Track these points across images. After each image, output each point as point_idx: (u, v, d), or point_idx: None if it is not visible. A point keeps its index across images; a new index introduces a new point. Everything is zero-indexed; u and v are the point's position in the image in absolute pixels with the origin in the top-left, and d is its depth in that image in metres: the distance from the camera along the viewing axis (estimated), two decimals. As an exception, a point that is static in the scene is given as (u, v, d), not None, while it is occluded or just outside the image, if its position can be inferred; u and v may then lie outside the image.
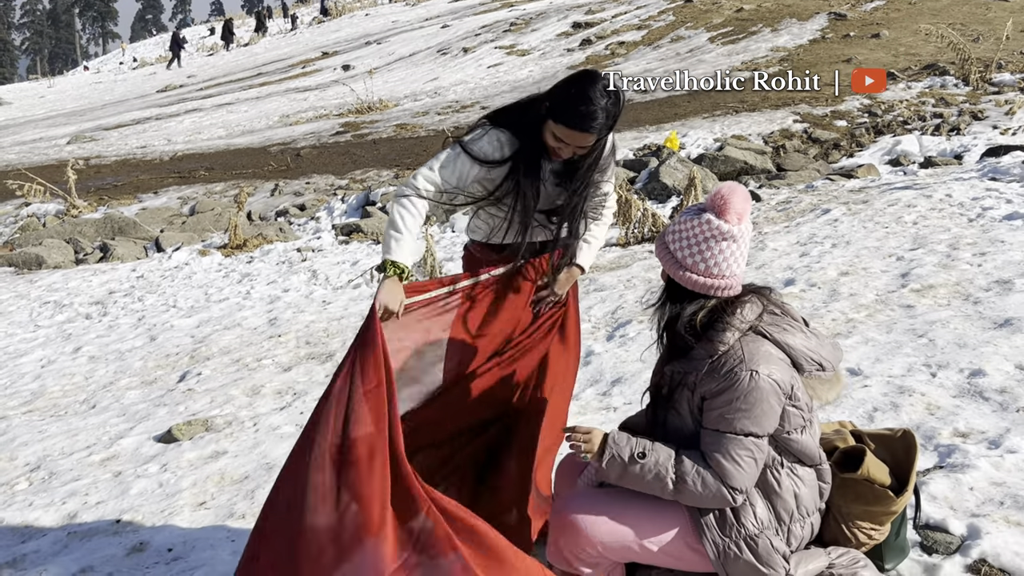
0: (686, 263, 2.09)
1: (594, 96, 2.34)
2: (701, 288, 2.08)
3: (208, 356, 5.65)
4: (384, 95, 19.53)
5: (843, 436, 2.30)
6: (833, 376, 2.15)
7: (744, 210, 2.06)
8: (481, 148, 2.51)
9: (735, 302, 2.11)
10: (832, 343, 2.19)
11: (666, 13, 22.68)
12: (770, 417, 2.03)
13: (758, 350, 2.05)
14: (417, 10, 38.41)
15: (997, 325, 3.99)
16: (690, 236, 2.08)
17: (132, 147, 17.87)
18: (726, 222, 2.05)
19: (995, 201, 6.31)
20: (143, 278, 8.19)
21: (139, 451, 4.22)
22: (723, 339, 2.07)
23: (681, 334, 2.12)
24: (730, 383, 2.02)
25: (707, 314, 2.10)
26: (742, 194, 2.07)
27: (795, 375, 2.09)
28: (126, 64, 47.65)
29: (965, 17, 16.89)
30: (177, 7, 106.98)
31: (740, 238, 2.06)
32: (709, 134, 11.22)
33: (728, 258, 2.06)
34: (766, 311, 2.13)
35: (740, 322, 2.08)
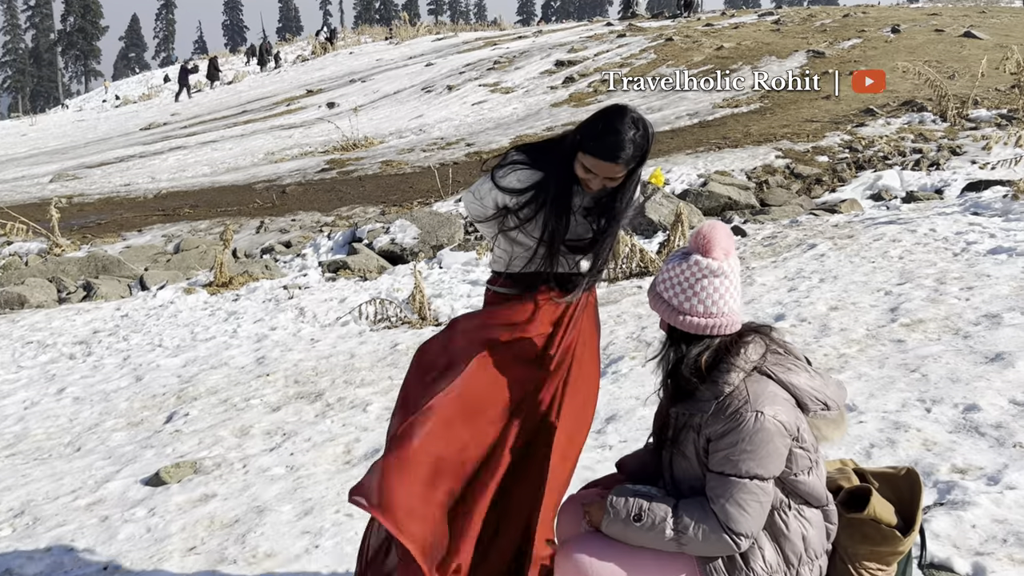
0: (683, 307, 2.09)
1: (623, 128, 2.39)
2: (702, 329, 2.08)
3: (195, 396, 5.59)
4: (369, 132, 19.62)
5: (847, 475, 2.29)
6: (838, 415, 2.15)
7: (728, 246, 2.08)
8: (509, 184, 2.59)
9: (738, 342, 2.11)
10: (836, 382, 2.19)
11: (647, 51, 23.00)
12: (776, 459, 2.01)
13: (763, 391, 2.04)
14: (401, 48, 38.74)
15: (988, 359, 4.01)
16: (681, 280, 2.09)
17: (116, 185, 17.81)
18: (714, 259, 2.06)
19: (979, 235, 6.38)
20: (128, 317, 8.11)
21: (126, 495, 4.14)
22: (728, 380, 2.06)
23: (687, 377, 2.12)
24: (735, 424, 2.01)
25: (711, 354, 2.10)
26: (723, 230, 2.09)
27: (800, 415, 2.08)
28: (109, 102, 47.63)
29: (940, 55, 17.23)
30: (160, 46, 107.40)
31: (730, 273, 2.07)
32: (693, 170, 11.32)
33: (723, 295, 2.07)
34: (769, 350, 2.13)
35: (744, 362, 2.08)
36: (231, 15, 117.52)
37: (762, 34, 22.99)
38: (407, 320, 6.81)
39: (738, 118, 15.03)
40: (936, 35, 19.50)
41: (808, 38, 21.35)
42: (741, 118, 14.97)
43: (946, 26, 20.42)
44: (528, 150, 2.63)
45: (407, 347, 6.01)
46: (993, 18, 21.90)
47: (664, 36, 24.60)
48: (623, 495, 2.15)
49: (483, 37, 37.52)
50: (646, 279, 7.17)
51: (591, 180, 2.48)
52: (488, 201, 2.64)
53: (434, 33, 46.19)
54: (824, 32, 21.86)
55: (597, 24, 35.82)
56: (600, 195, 2.58)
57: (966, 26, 19.98)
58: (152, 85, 50.78)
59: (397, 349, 5.99)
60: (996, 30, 19.59)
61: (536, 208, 2.55)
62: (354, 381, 5.39)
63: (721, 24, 26.49)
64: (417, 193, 12.95)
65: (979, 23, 20.69)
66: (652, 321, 5.71)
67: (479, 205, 2.67)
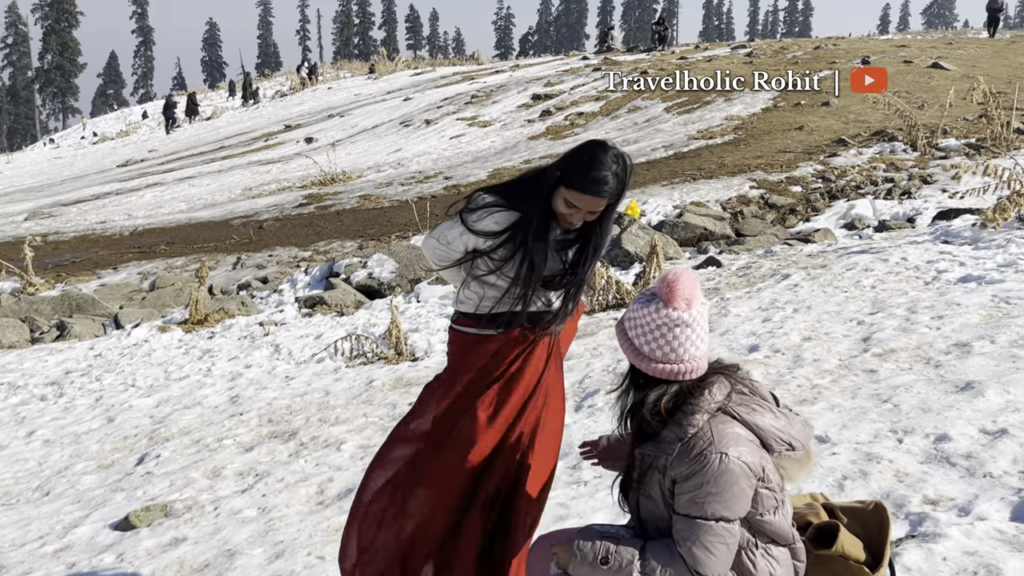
0: (647, 353, 2.09)
1: (605, 162, 2.44)
2: (666, 375, 2.09)
3: (167, 437, 5.52)
4: (347, 167, 19.66)
5: (815, 511, 2.29)
6: (804, 455, 2.15)
7: (692, 295, 2.07)
8: (484, 227, 2.56)
9: (702, 383, 2.11)
10: (802, 421, 2.19)
11: (622, 84, 23.24)
12: (741, 500, 2.01)
13: (727, 432, 2.04)
14: (379, 83, 38.97)
15: (959, 388, 4.04)
16: (645, 325, 2.09)
17: (91, 222, 17.70)
18: (675, 309, 2.06)
19: (949, 264, 6.45)
20: (101, 356, 8.02)
21: (95, 540, 4.07)
22: (692, 421, 2.06)
23: (647, 419, 2.12)
24: (700, 466, 2.00)
25: (672, 398, 2.10)
26: (687, 279, 2.08)
27: (765, 456, 2.08)
28: (87, 139, 47.51)
29: (910, 85, 17.53)
30: (139, 82, 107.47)
31: (693, 322, 2.07)
32: (668, 201, 11.40)
33: (685, 343, 2.07)
34: (734, 391, 2.13)
35: (708, 403, 2.08)
36: (210, 51, 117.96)
37: (735, 67, 23.29)
38: (383, 356, 6.77)
39: (712, 149, 15.18)
40: (905, 66, 19.86)
41: (780, 70, 21.66)
42: (715, 149, 15.13)
43: (914, 57, 20.81)
44: (499, 191, 2.62)
45: (383, 383, 5.98)
46: (960, 49, 22.35)
47: (639, 70, 24.89)
48: (590, 537, 2.13)
49: (461, 71, 37.84)
50: (622, 311, 7.19)
51: (574, 215, 2.50)
52: (457, 245, 2.60)
53: (412, 68, 46.54)
54: (796, 64, 22.20)
55: (573, 58, 36.21)
56: (572, 228, 2.59)
57: (934, 57, 20.37)
58: (130, 121, 50.80)
59: (372, 386, 5.96)
60: (963, 61, 19.98)
61: (514, 248, 2.54)
62: (328, 419, 5.35)
63: (695, 57, 26.85)
64: (395, 227, 12.96)
65: (946, 54, 21.11)
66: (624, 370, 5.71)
67: (445, 250, 2.64)
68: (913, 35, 49.11)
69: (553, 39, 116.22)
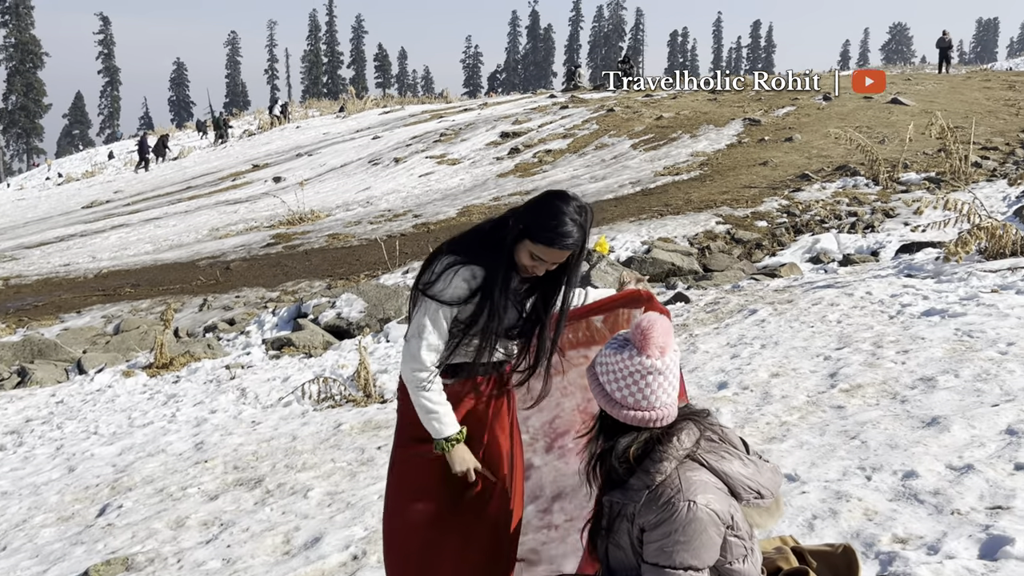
0: (617, 398, 2.08)
1: (568, 212, 2.45)
2: (637, 422, 2.08)
3: (130, 487, 5.39)
4: (316, 205, 19.61)
5: (785, 555, 2.27)
6: (772, 503, 2.14)
7: (666, 342, 2.07)
8: (454, 294, 2.51)
9: (671, 429, 2.10)
10: (772, 469, 2.18)
11: (590, 122, 23.50)
12: (710, 549, 1.99)
13: (695, 479, 2.03)
14: (348, 122, 39.07)
15: (925, 424, 4.06)
16: (618, 371, 2.08)
17: (55, 265, 17.46)
18: (648, 357, 2.06)
19: (912, 298, 6.53)
20: (63, 403, 7.86)
21: (52, 597, 3.95)
22: (660, 469, 2.05)
23: (615, 466, 2.10)
24: (668, 515, 1.99)
25: (641, 445, 2.09)
26: (661, 327, 2.08)
27: (734, 503, 2.07)
28: (51, 180, 47.03)
29: (870, 121, 17.89)
30: (106, 122, 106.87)
31: (666, 370, 2.06)
32: (637, 237, 11.48)
33: (657, 390, 2.06)
34: (703, 437, 2.12)
35: (676, 450, 2.07)
36: (177, 91, 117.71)
37: (700, 103, 23.68)
38: (352, 398, 6.70)
39: (679, 185, 15.35)
40: (865, 102, 20.28)
41: (744, 107, 22.04)
42: (682, 185, 15.29)
43: (874, 93, 21.25)
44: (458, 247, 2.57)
45: (351, 427, 5.90)
46: (918, 85, 22.89)
47: (606, 107, 25.20)
48: None
49: (430, 110, 38.07)
50: (593, 348, 7.17)
51: (538, 266, 2.51)
52: (443, 324, 2.53)
53: (381, 106, 46.78)
54: (759, 101, 22.61)
55: (541, 96, 36.59)
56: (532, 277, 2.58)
57: (893, 93, 20.83)
58: (96, 162, 50.40)
59: (340, 430, 5.88)
60: (921, 96, 20.45)
61: (481, 306, 2.51)
62: (295, 465, 5.26)
63: (660, 95, 27.24)
64: (364, 266, 12.91)
65: (905, 90, 21.60)
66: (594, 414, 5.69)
67: (438, 334, 2.53)
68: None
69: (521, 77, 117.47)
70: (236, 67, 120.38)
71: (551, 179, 18.30)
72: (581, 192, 16.20)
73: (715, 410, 4.75)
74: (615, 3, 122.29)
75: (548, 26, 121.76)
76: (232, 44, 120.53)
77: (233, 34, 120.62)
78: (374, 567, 3.73)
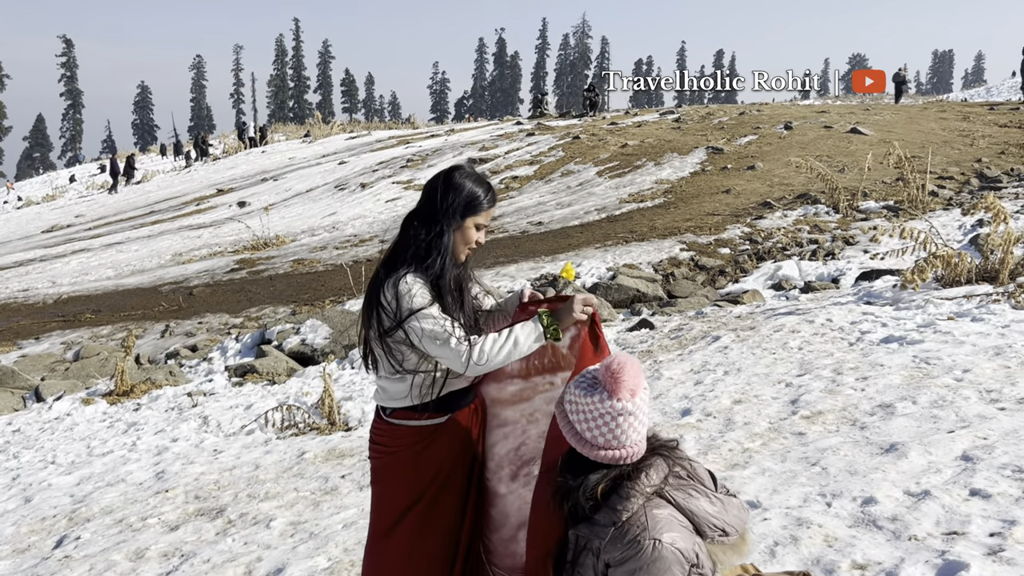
0: (587, 437, 2.10)
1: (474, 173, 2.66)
2: (607, 460, 2.10)
3: (88, 517, 5.29)
4: (281, 231, 19.50)
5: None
6: (738, 540, 2.16)
7: (636, 384, 2.09)
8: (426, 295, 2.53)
9: (639, 465, 2.12)
10: (739, 506, 2.21)
11: (556, 149, 23.68)
12: None
13: (660, 516, 2.04)
14: (314, 147, 38.97)
15: (883, 450, 4.13)
16: (588, 413, 2.09)
17: (13, 290, 17.15)
18: (619, 400, 2.07)
19: (871, 325, 6.65)
20: (20, 432, 7.70)
21: (5, 632, 3.86)
22: (626, 506, 2.06)
23: (582, 503, 2.11)
24: (634, 552, 2.00)
25: (609, 483, 2.11)
26: (631, 369, 2.10)
27: (699, 541, 2.09)
28: (11, 203, 46.30)
29: (830, 150, 18.22)
30: (67, 145, 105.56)
31: (636, 411, 2.09)
32: (602, 263, 11.56)
33: (628, 430, 2.08)
34: (672, 473, 2.14)
35: (644, 487, 2.09)
36: (141, 114, 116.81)
37: (664, 131, 23.97)
38: (315, 426, 6.65)
39: (644, 212, 15.50)
40: (825, 131, 20.66)
41: (707, 135, 22.35)
42: (647, 212, 15.45)
43: (834, 123, 21.68)
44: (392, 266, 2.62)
45: (315, 455, 5.85)
46: (876, 115, 23.37)
47: (571, 134, 25.41)
48: None
49: (397, 135, 38.12)
50: (559, 374, 7.19)
51: (480, 236, 2.66)
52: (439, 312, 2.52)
53: (348, 131, 46.74)
54: (722, 129, 22.94)
55: (507, 123, 36.81)
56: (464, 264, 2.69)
57: (852, 123, 21.26)
58: (57, 185, 49.76)
59: (304, 458, 5.83)
60: (879, 126, 20.89)
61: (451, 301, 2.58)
62: (258, 495, 5.20)
63: (625, 123, 27.55)
64: (329, 291, 12.84)
65: (864, 119, 22.06)
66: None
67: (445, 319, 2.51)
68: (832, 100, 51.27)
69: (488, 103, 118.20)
70: (201, 91, 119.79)
71: (517, 204, 18.39)
72: (548, 218, 16.32)
73: (679, 436, 4.79)
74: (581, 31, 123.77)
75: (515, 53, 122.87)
76: (197, 68, 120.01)
77: (199, 58, 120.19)
78: (337, 598, 3.69)
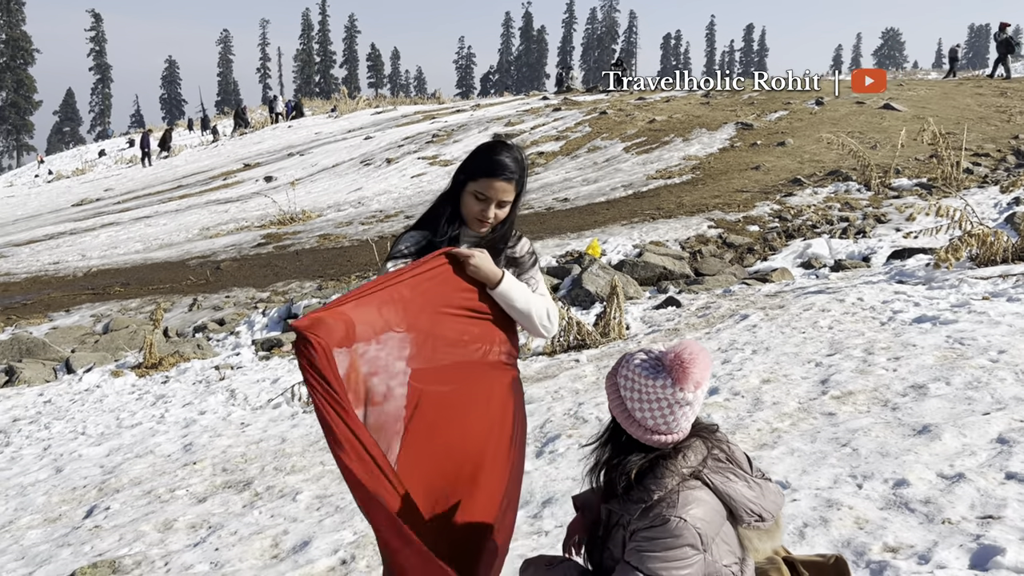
0: (637, 418, 2.06)
1: (500, 149, 2.62)
2: (654, 444, 2.07)
3: (118, 488, 5.35)
4: (307, 206, 19.55)
5: (777, 566, 2.26)
6: (772, 526, 2.12)
7: (703, 377, 2.03)
8: (398, 249, 2.66)
9: (678, 447, 2.09)
10: (775, 491, 2.16)
11: (582, 124, 23.51)
12: (681, 568, 1.96)
13: (693, 498, 2.01)
14: (340, 122, 38.99)
15: (916, 432, 4.06)
16: (648, 396, 2.04)
17: (44, 263, 17.36)
18: (683, 391, 2.02)
19: (904, 304, 6.54)
20: (51, 403, 7.80)
21: (37, 600, 3.91)
22: (662, 484, 2.03)
23: (619, 479, 2.09)
24: (658, 524, 1.98)
25: (648, 463, 2.08)
26: (703, 362, 2.03)
27: (728, 528, 2.05)
28: (42, 177, 46.82)
29: (862, 126, 17.92)
30: (96, 120, 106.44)
31: (696, 402, 2.05)
32: (628, 240, 11.47)
33: (681, 419, 2.05)
34: (710, 455, 2.11)
35: (681, 467, 2.06)
36: (169, 89, 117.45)
37: (692, 107, 23.71)
38: (342, 401, 6.66)
39: (671, 189, 15.35)
40: (857, 107, 20.33)
41: (736, 111, 22.07)
42: (674, 189, 15.30)
43: (866, 98, 21.31)
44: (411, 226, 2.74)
45: (341, 430, 5.87)
46: (910, 90, 22.95)
47: (598, 110, 25.20)
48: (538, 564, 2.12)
49: (422, 111, 38.02)
50: (584, 352, 7.17)
51: (484, 209, 2.58)
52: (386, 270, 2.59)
53: (373, 106, 46.70)
54: (752, 105, 22.64)
55: (534, 98, 36.58)
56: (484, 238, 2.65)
57: (885, 98, 20.89)
58: (86, 160, 50.22)
59: (330, 432, 5.84)
60: (913, 102, 20.51)
61: None
62: (284, 468, 5.23)
63: (653, 98, 27.26)
64: (355, 266, 12.86)
65: (897, 95, 21.66)
66: (589, 397, 5.69)
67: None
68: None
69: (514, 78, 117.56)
70: (228, 65, 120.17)
71: (543, 181, 18.29)
72: (574, 194, 16.22)
73: (705, 415, 4.74)
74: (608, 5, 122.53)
75: (541, 28, 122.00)
76: (224, 42, 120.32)
77: (226, 32, 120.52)
78: (362, 572, 3.70)
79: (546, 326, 2.68)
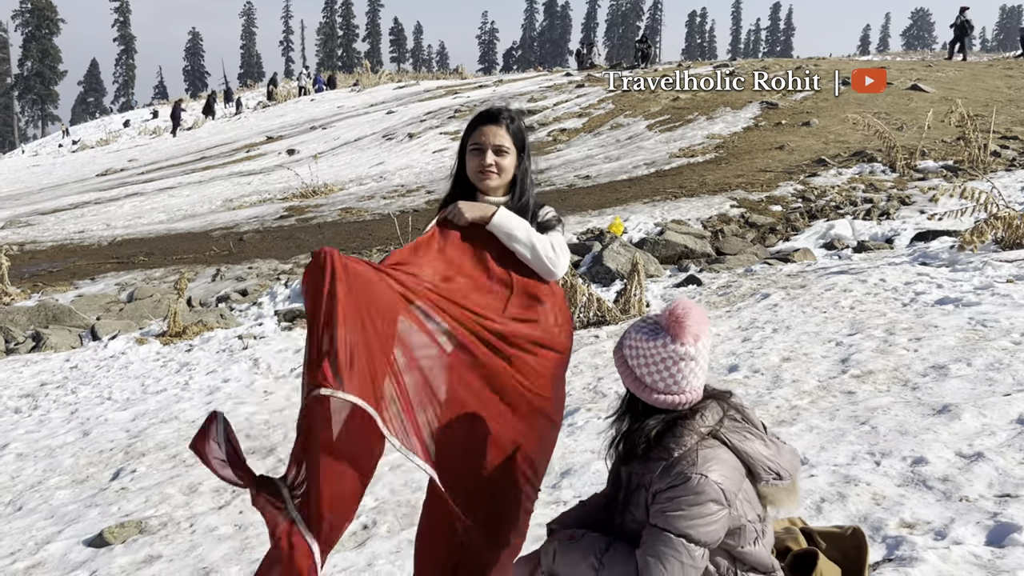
0: (647, 382, 2.10)
1: (492, 105, 2.71)
2: (667, 406, 2.10)
3: (143, 452, 5.46)
4: (329, 179, 19.61)
5: (794, 536, 2.29)
6: (790, 484, 2.16)
7: (700, 330, 2.07)
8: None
9: (694, 408, 2.13)
10: (791, 451, 2.20)
11: (605, 101, 23.39)
12: (709, 524, 2.00)
13: (712, 456, 2.05)
14: (362, 96, 38.98)
15: (936, 411, 4.07)
16: (650, 357, 2.08)
17: (70, 232, 17.55)
18: (682, 345, 2.06)
19: (926, 286, 6.52)
20: (77, 368, 7.94)
21: (67, 557, 4.01)
22: (681, 443, 2.08)
23: (638, 444, 2.13)
24: (679, 482, 2.02)
25: (664, 425, 2.11)
26: (696, 315, 2.08)
27: (748, 485, 2.09)
28: (66, 147, 47.17)
29: (889, 107, 17.72)
30: (120, 91, 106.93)
31: (699, 356, 2.08)
32: (650, 219, 11.46)
33: (688, 375, 2.08)
34: (727, 416, 2.14)
35: (699, 426, 2.10)
36: (192, 60, 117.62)
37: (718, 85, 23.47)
38: (363, 371, 6.73)
39: (694, 168, 15.28)
40: (885, 87, 20.07)
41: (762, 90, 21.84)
42: (697, 168, 15.23)
43: (894, 79, 21.03)
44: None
45: (362, 399, 5.94)
46: (938, 72, 22.64)
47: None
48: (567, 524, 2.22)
49: (444, 86, 37.91)
50: (603, 328, 7.20)
51: (482, 159, 2.60)
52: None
53: (396, 81, 46.62)
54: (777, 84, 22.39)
55: (557, 74, 36.38)
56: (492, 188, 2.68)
57: (913, 79, 20.62)
58: (110, 130, 50.49)
59: (352, 401, 5.92)
60: (941, 83, 20.24)
61: None
62: (307, 435, 5.30)
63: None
64: (377, 240, 12.93)
65: (925, 76, 21.38)
66: (609, 372, 5.72)
67: None
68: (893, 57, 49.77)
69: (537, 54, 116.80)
70: (251, 38, 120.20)
71: (565, 158, 18.25)
72: (596, 172, 16.18)
73: (725, 392, 4.77)
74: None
75: (565, 3, 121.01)
76: (248, 15, 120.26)
77: (248, 4, 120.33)
78: (384, 537, 3.77)
79: (551, 258, 2.56)
